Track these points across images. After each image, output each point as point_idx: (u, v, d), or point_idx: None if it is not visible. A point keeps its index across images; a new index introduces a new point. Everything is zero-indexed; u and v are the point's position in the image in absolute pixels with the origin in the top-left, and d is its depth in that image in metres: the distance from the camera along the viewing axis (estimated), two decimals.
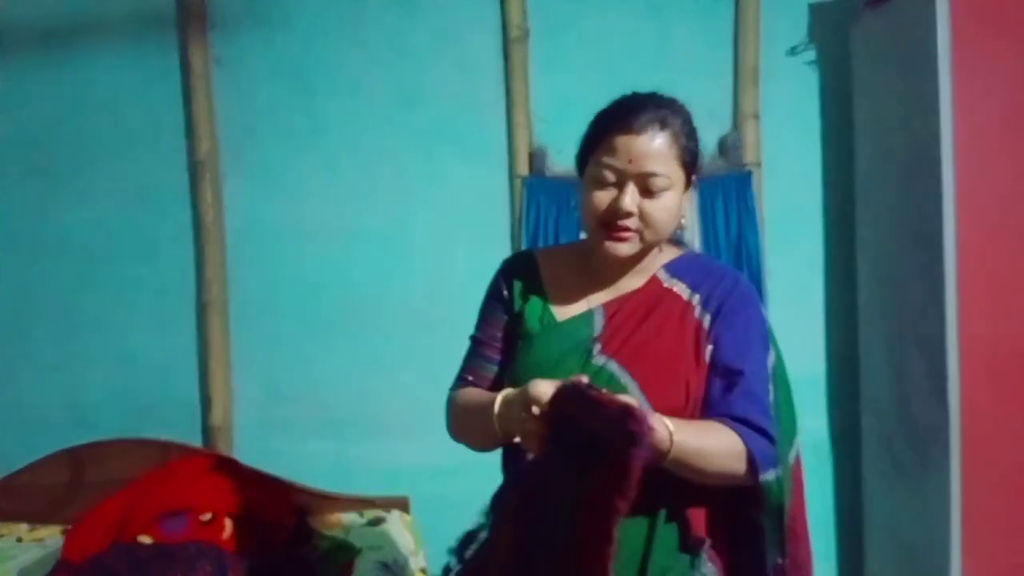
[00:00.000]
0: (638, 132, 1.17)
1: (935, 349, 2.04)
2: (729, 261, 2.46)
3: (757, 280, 2.45)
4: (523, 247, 2.47)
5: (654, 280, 1.29)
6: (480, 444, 1.29)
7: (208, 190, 2.49)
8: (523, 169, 2.48)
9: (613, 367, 1.21)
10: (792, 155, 2.53)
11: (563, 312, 1.29)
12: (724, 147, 2.50)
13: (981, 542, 2.00)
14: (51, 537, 2.30)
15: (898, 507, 2.27)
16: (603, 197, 1.20)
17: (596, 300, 1.30)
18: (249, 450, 2.46)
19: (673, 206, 1.21)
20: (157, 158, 2.52)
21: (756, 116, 2.50)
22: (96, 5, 2.52)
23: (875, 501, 2.42)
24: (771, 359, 1.28)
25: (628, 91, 2.41)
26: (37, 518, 2.40)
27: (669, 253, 1.32)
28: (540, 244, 2.46)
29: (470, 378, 1.36)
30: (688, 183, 1.24)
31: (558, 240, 2.47)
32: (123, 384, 2.52)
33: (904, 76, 2.16)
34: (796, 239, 2.55)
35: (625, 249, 1.22)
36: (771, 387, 1.24)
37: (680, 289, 1.28)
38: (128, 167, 2.52)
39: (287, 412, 2.52)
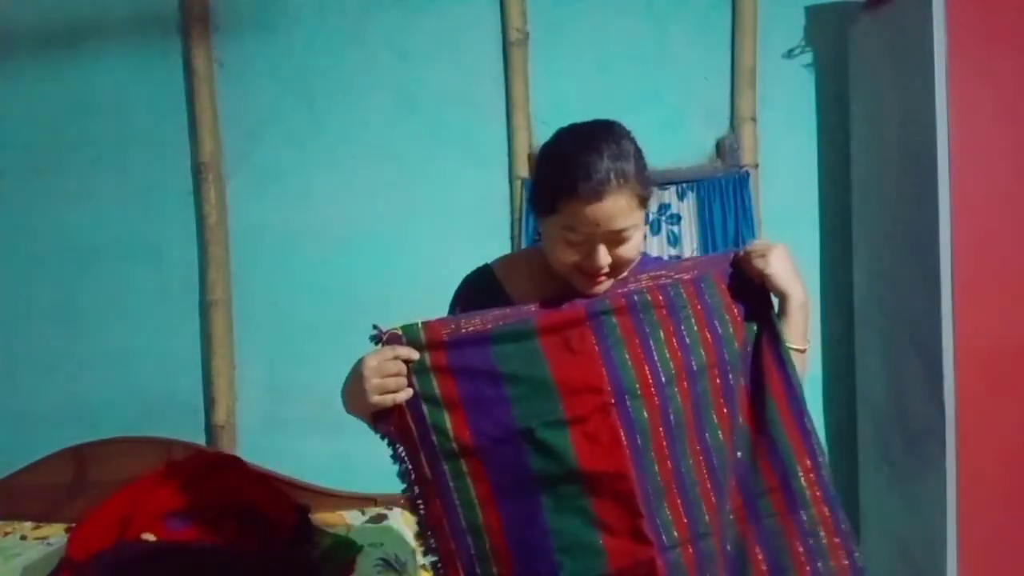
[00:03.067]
0: (600, 199, 1.14)
1: (931, 350, 2.05)
2: None
3: None
4: (522, 247, 2.49)
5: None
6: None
7: (211, 191, 2.51)
8: (523, 170, 2.50)
9: None
10: (789, 157, 2.54)
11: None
12: (721, 149, 2.51)
13: (976, 541, 2.00)
14: (55, 535, 2.31)
15: (894, 507, 2.28)
16: (572, 254, 1.20)
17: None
18: (252, 448, 2.48)
19: (640, 240, 1.22)
20: (161, 160, 2.54)
21: (753, 118, 2.51)
22: (99, 8, 2.54)
23: (871, 501, 2.43)
24: None
25: (620, 93, 2.46)
26: (41, 516, 2.42)
27: None
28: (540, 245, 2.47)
29: None
30: (646, 208, 1.25)
31: None
32: (127, 383, 2.53)
33: (900, 78, 2.17)
34: (793, 240, 2.50)
35: (600, 289, 1.24)
36: None
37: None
38: (132, 168, 2.54)
39: (290, 411, 2.53)
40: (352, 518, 2.34)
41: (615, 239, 1.18)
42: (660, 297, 1.25)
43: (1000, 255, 2.01)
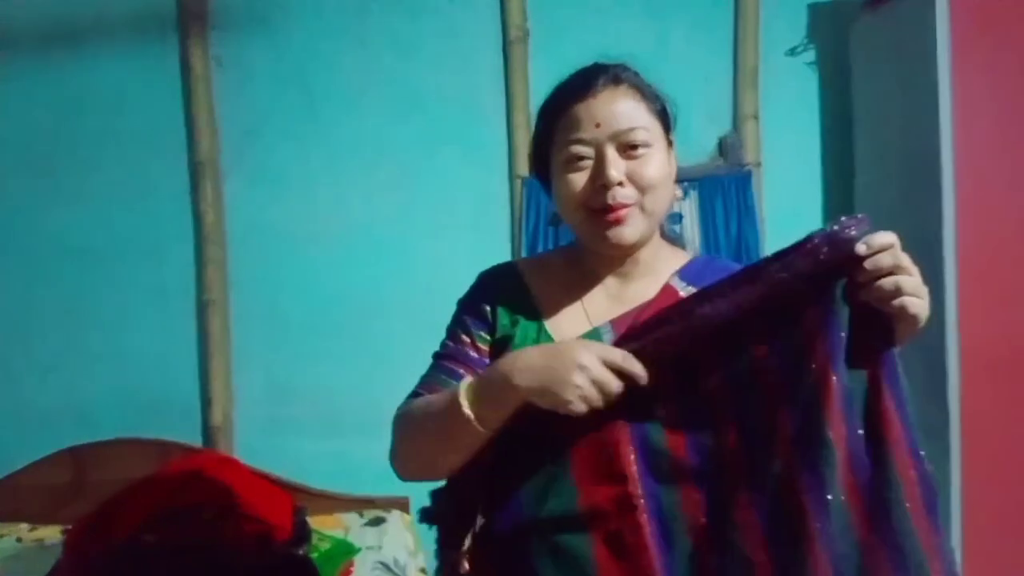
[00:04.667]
0: (595, 94, 1.03)
1: (934, 351, 2.04)
2: (730, 260, 2.47)
3: None
4: (523, 247, 2.48)
5: (668, 289, 1.07)
6: (438, 456, 1.03)
7: (209, 190, 2.50)
8: (523, 170, 2.49)
9: None
10: (791, 155, 2.54)
11: (562, 332, 1.06)
12: (724, 147, 2.51)
13: (981, 542, 2.00)
14: (51, 537, 2.29)
15: None
16: (580, 178, 1.03)
17: (600, 315, 1.07)
18: (249, 450, 2.47)
19: (664, 165, 1.03)
20: (158, 158, 2.52)
21: (756, 116, 2.51)
22: (97, 6, 2.53)
23: None
24: None
25: None
26: (37, 518, 2.40)
27: (677, 257, 1.13)
28: (540, 245, 2.46)
29: (422, 392, 1.11)
30: (670, 143, 1.08)
31: (558, 242, 2.46)
32: (124, 384, 2.52)
33: (903, 77, 2.16)
34: (795, 238, 2.54)
35: (628, 232, 1.02)
36: None
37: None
38: (129, 167, 2.52)
39: (287, 412, 2.52)
40: (350, 520, 2.33)
41: (625, 147, 1.01)
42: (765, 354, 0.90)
43: (1003, 254, 2.01)
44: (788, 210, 2.53)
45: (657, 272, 1.10)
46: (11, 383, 2.55)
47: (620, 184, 1.01)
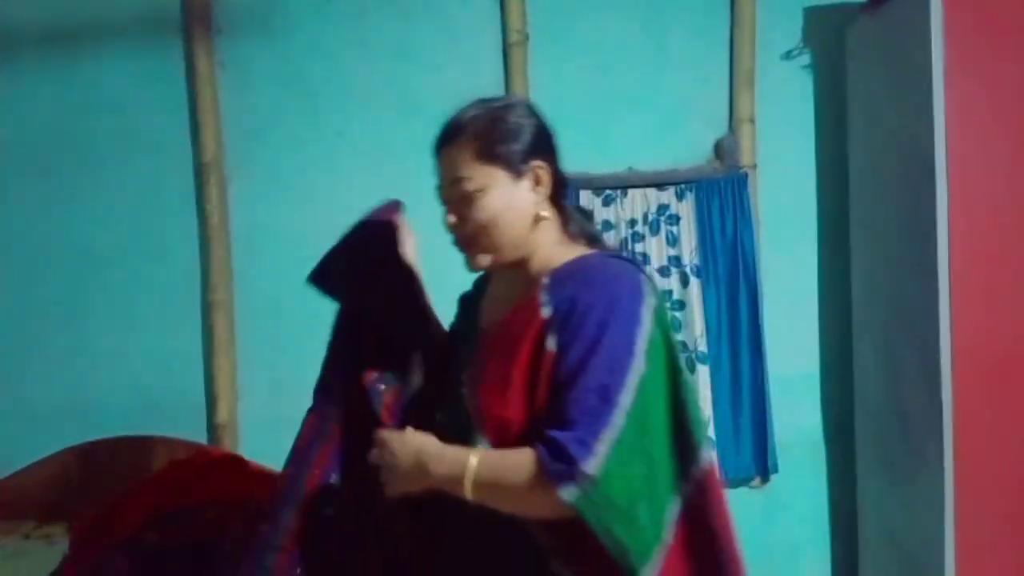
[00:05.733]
0: (439, 148, 1.18)
1: (928, 348, 2.06)
2: (725, 262, 2.48)
3: (753, 280, 2.48)
4: None
5: (532, 296, 1.13)
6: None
7: (214, 192, 2.52)
8: None
9: (468, 405, 1.14)
10: (787, 157, 2.55)
11: (470, 328, 1.27)
12: (720, 149, 2.53)
13: (974, 538, 2.01)
14: (57, 534, 2.31)
15: (892, 504, 2.30)
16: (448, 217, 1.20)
17: (489, 318, 1.23)
18: (254, 447, 2.48)
19: (495, 206, 1.14)
20: (163, 160, 2.54)
21: (752, 119, 2.53)
22: (102, 9, 2.55)
23: (869, 498, 2.44)
24: (633, 371, 1.04)
25: (620, 94, 2.42)
26: (43, 515, 2.41)
27: (565, 255, 1.17)
28: None
29: None
30: (519, 174, 1.15)
31: None
32: (129, 383, 2.54)
33: (898, 79, 2.18)
34: (791, 240, 2.57)
35: (479, 262, 1.19)
36: (627, 399, 1.02)
37: (545, 309, 1.10)
38: (134, 169, 2.54)
39: (292, 410, 2.50)
40: None
41: (458, 195, 1.16)
42: None
43: (997, 254, 2.03)
44: (784, 212, 2.55)
45: (536, 276, 1.17)
46: (18, 382, 2.57)
47: (458, 225, 1.18)
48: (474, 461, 1.05)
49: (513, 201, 1.15)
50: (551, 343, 1.07)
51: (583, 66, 2.54)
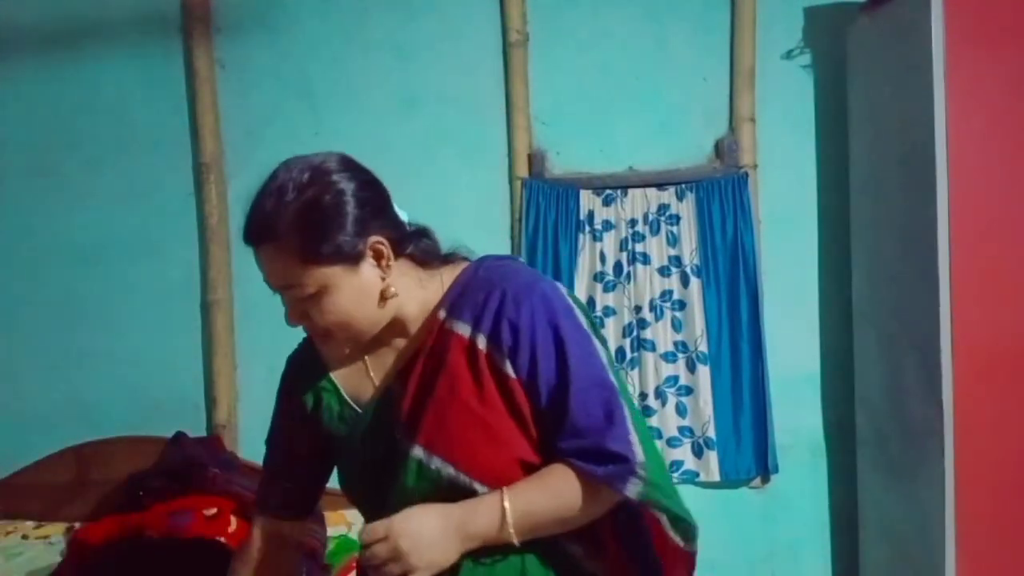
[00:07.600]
0: (253, 245, 1.01)
1: (929, 348, 2.06)
2: (726, 262, 2.48)
3: (753, 280, 2.48)
4: (523, 248, 2.50)
5: (440, 327, 1.05)
6: None
7: (213, 191, 2.52)
8: (522, 171, 2.51)
9: (431, 459, 1.01)
10: (788, 157, 2.55)
11: (355, 395, 1.12)
12: (720, 149, 2.53)
13: (975, 538, 2.01)
14: (56, 534, 2.32)
15: (892, 503, 2.30)
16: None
17: (384, 369, 1.11)
18: (254, 447, 2.48)
19: (341, 303, 1.01)
20: (162, 160, 2.55)
21: (752, 118, 2.53)
22: (101, 9, 2.55)
23: (869, 498, 2.44)
24: (603, 361, 1.04)
25: (620, 94, 2.38)
26: (42, 515, 2.42)
27: (451, 274, 1.11)
28: (539, 246, 2.47)
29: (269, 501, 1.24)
30: (357, 260, 1.02)
31: (557, 243, 2.49)
32: (128, 382, 2.54)
33: (898, 79, 2.18)
34: (791, 240, 2.57)
35: (338, 347, 1.09)
36: (611, 377, 1.03)
37: (461, 328, 1.04)
38: (133, 169, 2.55)
39: None
40: (353, 516, 2.34)
41: (295, 298, 1.01)
42: None
43: (998, 254, 2.02)
44: (784, 212, 2.55)
45: (427, 302, 1.09)
46: (16, 382, 2.57)
47: (306, 325, 1.04)
48: (507, 502, 0.98)
49: (361, 289, 1.02)
50: (509, 369, 1.01)
51: (583, 66, 2.53)
